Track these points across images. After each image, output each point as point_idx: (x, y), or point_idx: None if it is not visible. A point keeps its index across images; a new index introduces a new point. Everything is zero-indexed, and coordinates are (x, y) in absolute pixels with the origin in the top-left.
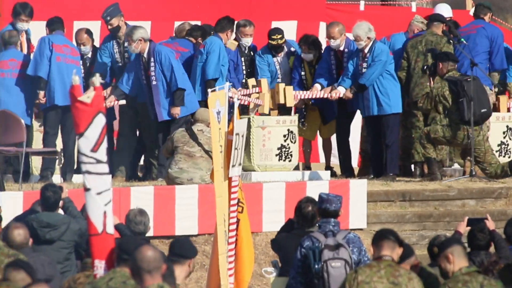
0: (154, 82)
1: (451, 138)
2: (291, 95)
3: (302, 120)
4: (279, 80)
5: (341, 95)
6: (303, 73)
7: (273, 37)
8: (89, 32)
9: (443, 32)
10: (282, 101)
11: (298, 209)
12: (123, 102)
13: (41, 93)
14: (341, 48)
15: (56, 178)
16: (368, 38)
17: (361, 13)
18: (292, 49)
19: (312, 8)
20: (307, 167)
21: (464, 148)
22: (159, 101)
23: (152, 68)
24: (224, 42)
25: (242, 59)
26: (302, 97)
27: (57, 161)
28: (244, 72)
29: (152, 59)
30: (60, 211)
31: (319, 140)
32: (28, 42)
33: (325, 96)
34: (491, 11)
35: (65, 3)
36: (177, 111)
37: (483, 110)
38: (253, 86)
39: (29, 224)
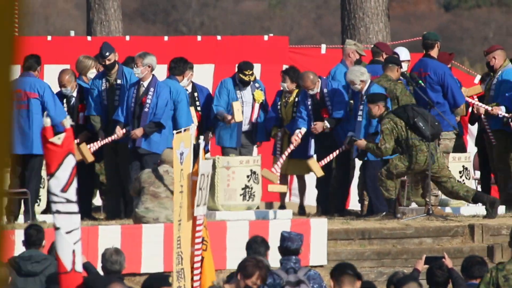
0: (146, 109)
1: (413, 164)
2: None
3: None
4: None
5: (300, 135)
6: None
7: (245, 72)
8: (72, 74)
9: (402, 74)
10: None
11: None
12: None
13: None
14: (317, 91)
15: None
16: (362, 81)
17: (322, 56)
18: (257, 85)
19: (275, 51)
20: (282, 206)
21: (424, 171)
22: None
23: (149, 97)
24: (179, 83)
25: None
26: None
27: (29, 201)
28: None
29: (152, 89)
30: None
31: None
32: None
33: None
34: (439, 40)
35: (36, 47)
36: (138, 133)
37: (436, 123)
38: None
39: (11, 261)
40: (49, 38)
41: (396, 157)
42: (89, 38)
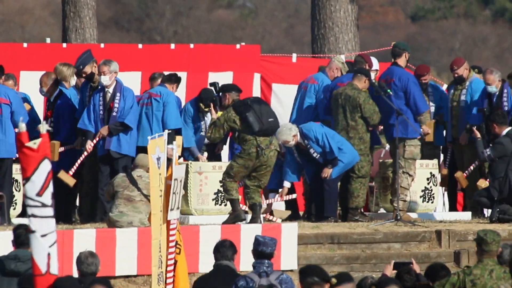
0: (114, 114)
1: (246, 160)
2: None
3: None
4: (202, 133)
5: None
6: None
7: (203, 105)
8: (51, 79)
9: (371, 83)
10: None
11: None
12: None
13: None
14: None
15: None
16: (294, 135)
17: (293, 65)
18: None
19: (247, 60)
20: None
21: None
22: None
23: (117, 101)
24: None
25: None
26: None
27: (4, 204)
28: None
29: (118, 94)
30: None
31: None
32: None
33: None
34: (408, 50)
35: (12, 54)
36: (104, 131)
37: (270, 119)
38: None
39: None
40: (25, 45)
41: (232, 158)
42: (64, 45)
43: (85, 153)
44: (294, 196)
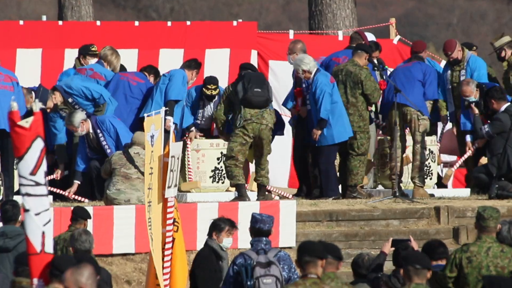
0: (108, 150)
1: (241, 132)
2: None
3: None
4: (197, 121)
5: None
6: None
7: (208, 86)
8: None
9: (369, 59)
10: None
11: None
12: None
13: None
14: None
15: None
16: (304, 71)
17: (290, 42)
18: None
19: (244, 36)
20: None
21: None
22: None
23: (102, 138)
24: (188, 79)
25: None
26: None
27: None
28: None
29: (98, 131)
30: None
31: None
32: None
33: None
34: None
35: (8, 31)
36: None
37: (256, 89)
38: None
39: None
40: (21, 22)
41: (229, 141)
42: (60, 22)
43: (53, 176)
44: (290, 196)
